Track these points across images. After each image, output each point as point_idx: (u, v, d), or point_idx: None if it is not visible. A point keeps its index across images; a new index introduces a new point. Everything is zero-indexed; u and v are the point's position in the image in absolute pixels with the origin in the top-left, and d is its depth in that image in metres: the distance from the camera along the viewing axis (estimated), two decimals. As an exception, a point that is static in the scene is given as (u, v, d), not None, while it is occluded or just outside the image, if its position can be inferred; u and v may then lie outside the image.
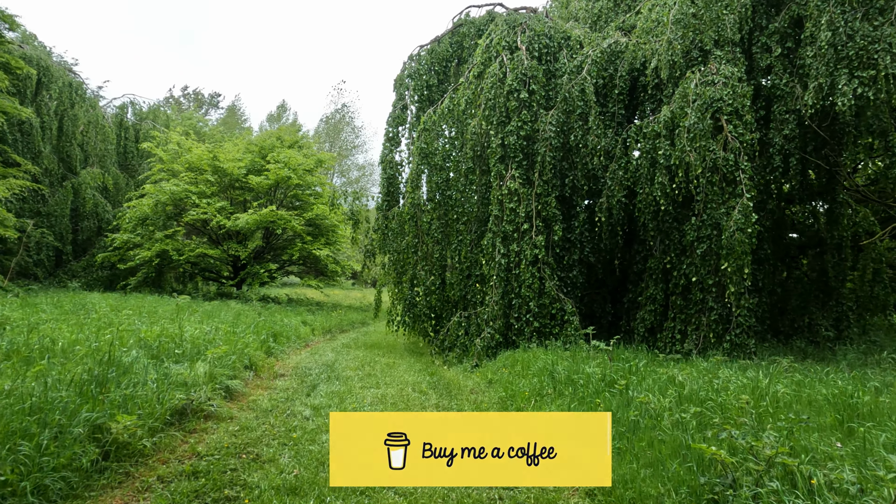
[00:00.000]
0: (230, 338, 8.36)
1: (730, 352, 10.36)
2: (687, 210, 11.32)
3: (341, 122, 56.97)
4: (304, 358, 10.63)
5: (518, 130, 11.23)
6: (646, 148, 10.94)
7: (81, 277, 24.90)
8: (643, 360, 7.34)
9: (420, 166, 12.39)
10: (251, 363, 8.02)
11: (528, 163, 11.48)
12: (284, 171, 21.87)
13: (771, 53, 11.91)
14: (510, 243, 11.12)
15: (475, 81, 12.26)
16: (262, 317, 15.07)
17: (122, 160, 30.39)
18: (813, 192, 13.75)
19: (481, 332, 10.89)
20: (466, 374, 9.61)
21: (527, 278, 10.82)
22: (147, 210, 21.73)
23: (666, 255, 11.36)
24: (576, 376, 6.82)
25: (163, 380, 5.42)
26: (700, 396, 5.52)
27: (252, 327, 10.67)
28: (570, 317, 10.82)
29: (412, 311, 12.89)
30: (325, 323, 17.30)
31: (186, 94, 62.96)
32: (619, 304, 13.08)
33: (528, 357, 8.98)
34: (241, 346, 7.95)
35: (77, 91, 27.02)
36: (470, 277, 12.61)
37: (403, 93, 14.82)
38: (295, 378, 8.18)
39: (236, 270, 23.58)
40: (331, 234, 24.33)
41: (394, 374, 9.12)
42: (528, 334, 10.78)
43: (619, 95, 12.21)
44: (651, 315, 11.70)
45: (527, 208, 11.08)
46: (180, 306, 12.37)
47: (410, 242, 12.69)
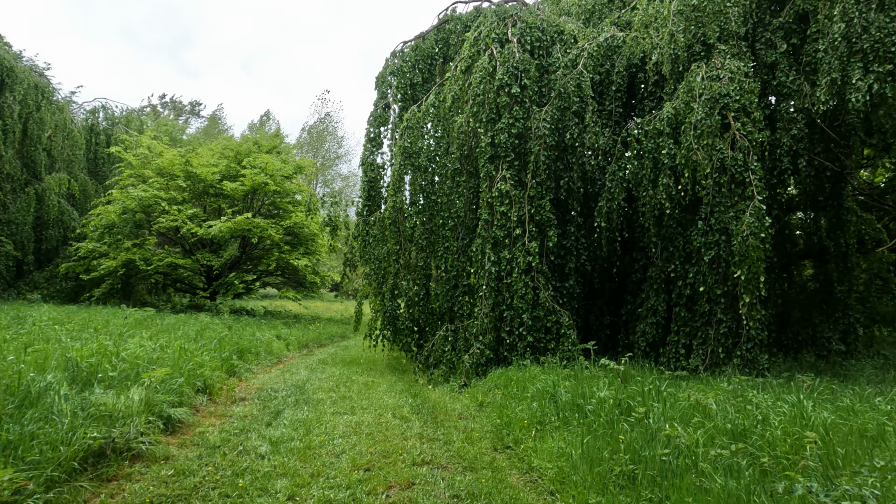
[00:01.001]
0: (183, 355, 7.26)
1: (741, 368, 9.48)
2: (691, 214, 10.49)
3: (324, 132, 56.04)
4: (273, 377, 9.53)
5: (509, 128, 10.34)
6: (648, 147, 10.11)
7: (44, 289, 23.47)
8: (663, 382, 6.40)
9: (403, 167, 11.43)
10: (206, 386, 6.93)
11: (520, 163, 10.59)
12: (261, 176, 20.78)
13: (776, 49, 11.20)
14: (501, 250, 10.18)
15: (462, 76, 11.38)
16: (231, 331, 13.92)
17: (92, 166, 29.05)
18: (816, 197, 13.03)
19: (470, 348, 9.90)
20: (454, 396, 8.60)
21: (519, 288, 9.88)
22: (114, 217, 20.46)
23: (669, 263, 10.50)
24: (582, 401, 5.86)
25: (78, 412, 4.34)
26: (736, 427, 4.59)
27: (215, 343, 9.56)
28: (566, 330, 9.88)
29: (393, 325, 11.85)
30: (301, 337, 16.17)
31: (164, 103, 61.43)
32: (616, 316, 12.18)
33: (523, 376, 8.00)
34: (192, 365, 6.86)
35: (44, 93, 25.71)
36: (457, 287, 11.63)
37: (386, 91, 13.90)
38: (257, 402, 7.09)
39: (210, 281, 22.34)
40: (310, 243, 23.22)
41: (372, 396, 8.07)
42: (521, 350, 9.81)
43: (616, 92, 11.41)
44: (653, 328, 10.81)
45: (519, 212, 10.17)
46: (135, 319, 11.20)
47: (392, 249, 11.69)
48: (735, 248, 9.02)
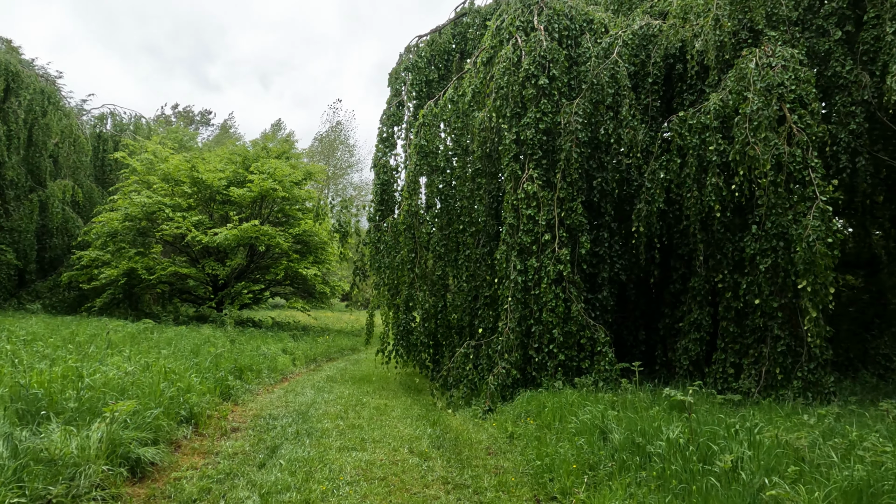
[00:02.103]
0: (167, 378, 6.29)
1: (802, 391, 8.35)
2: (741, 218, 9.41)
3: (336, 141, 55.47)
4: (275, 399, 8.54)
5: (536, 123, 9.35)
6: (692, 143, 9.06)
7: (46, 299, 22.75)
8: (735, 415, 5.31)
9: (419, 167, 10.47)
10: (192, 414, 5.96)
11: (548, 162, 9.58)
12: (269, 182, 19.94)
13: (829, 37, 10.14)
14: (528, 258, 9.16)
15: (483, 69, 10.43)
16: (234, 344, 12.98)
17: (99, 173, 28.45)
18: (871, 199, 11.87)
19: (494, 367, 8.85)
20: (477, 423, 7.55)
21: (549, 300, 8.84)
22: (117, 225, 19.69)
23: (716, 273, 9.40)
24: (642, 439, 4.80)
25: (7, 462, 3.38)
26: (858, 484, 3.52)
27: (209, 361, 8.59)
28: (602, 347, 8.81)
29: (407, 339, 10.83)
30: (309, 351, 15.21)
31: (178, 113, 61.50)
32: (652, 331, 11.07)
33: (558, 402, 6.94)
34: (174, 391, 5.88)
35: (50, 99, 25.12)
36: (477, 299, 10.61)
37: (399, 88, 12.99)
38: (251, 434, 6.10)
39: (216, 291, 21.48)
40: (320, 252, 22.31)
41: (385, 425, 7.05)
42: (551, 369, 8.75)
43: (652, 85, 10.39)
44: (696, 345, 9.70)
45: (548, 215, 9.15)
46: (128, 333, 10.27)
47: (406, 257, 10.70)
48: (798, 256, 7.92)
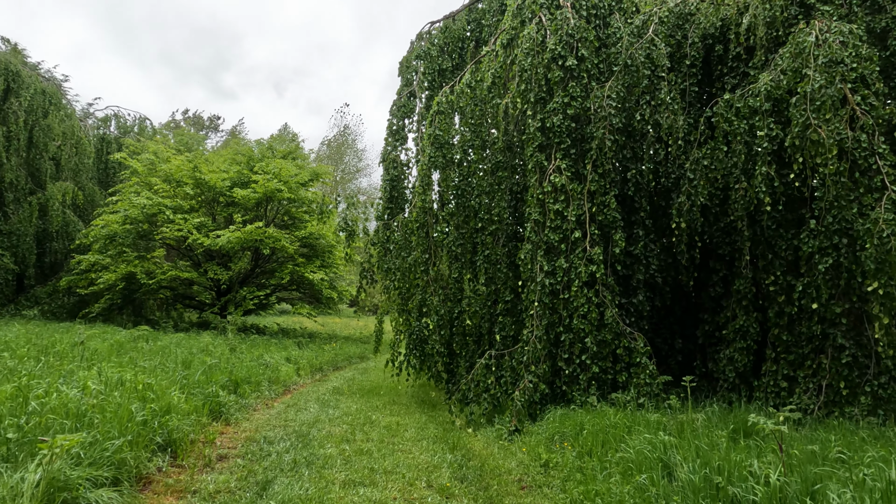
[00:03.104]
0: (143, 396, 5.38)
1: (872, 409, 7.32)
2: (793, 213, 8.41)
3: (344, 146, 54.85)
4: (274, 417, 7.61)
5: (564, 108, 8.42)
6: (740, 129, 8.09)
7: (45, 304, 22.03)
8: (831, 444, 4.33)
9: (433, 159, 9.55)
10: (171, 440, 5.05)
11: (576, 152, 8.64)
12: (274, 183, 19.12)
13: (885, 13, 9.14)
14: (556, 258, 8.20)
15: (503, 52, 9.52)
16: (234, 353, 12.11)
17: (102, 176, 27.82)
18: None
19: (519, 381, 7.89)
20: (503, 446, 6.59)
21: (581, 305, 7.87)
22: (116, 227, 18.92)
23: (767, 274, 8.39)
24: (720, 478, 3.83)
25: None
26: None
27: (202, 372, 7.69)
28: (641, 358, 7.83)
29: (421, 349, 9.88)
30: (314, 359, 14.30)
31: (187, 118, 61.30)
32: (689, 340, 10.07)
33: (599, 423, 5.97)
34: (145, 414, 4.95)
35: (52, 99, 24.51)
36: (496, 304, 9.66)
37: (411, 78, 12.11)
38: (241, 465, 5.17)
39: (220, 297, 20.65)
40: (327, 255, 21.45)
41: (398, 449, 6.10)
42: (583, 383, 7.77)
43: (690, 68, 9.44)
44: (743, 355, 8.68)
45: (577, 211, 8.20)
46: (116, 341, 9.39)
47: (419, 258, 9.77)
48: (867, 254, 6.91)
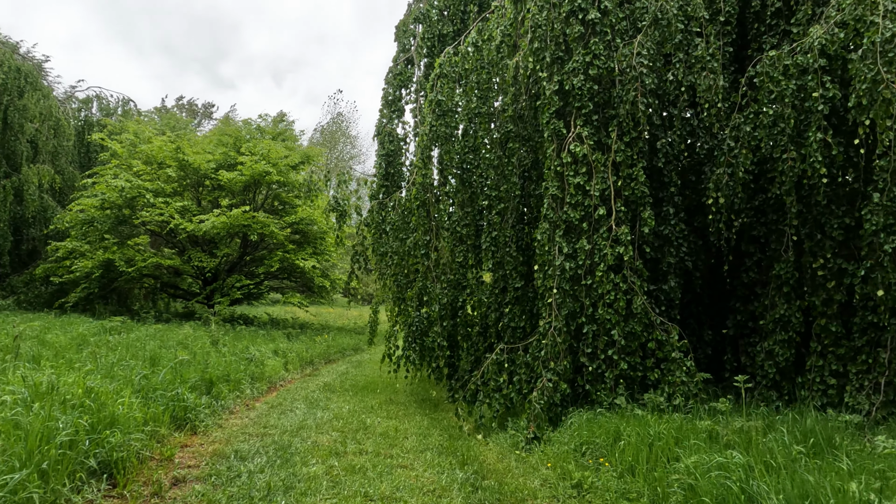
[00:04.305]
0: (82, 405, 4.34)
1: (941, 411, 6.37)
2: (843, 187, 7.40)
3: (337, 133, 53.64)
4: (252, 421, 6.58)
5: (585, 68, 7.34)
6: (789, 90, 7.04)
7: (22, 294, 20.89)
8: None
9: (435, 129, 8.47)
10: (112, 461, 4.00)
11: (599, 118, 7.57)
12: (262, 164, 17.96)
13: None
14: (577, 238, 7.17)
15: (513, 6, 8.42)
16: (216, 346, 11.06)
17: (84, 160, 26.56)
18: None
19: (536, 379, 6.87)
20: (521, 458, 5.59)
21: (606, 292, 6.85)
22: (94, 212, 17.75)
23: (815, 257, 7.39)
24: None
25: None
26: None
27: (171, 370, 6.64)
28: (674, 352, 6.82)
29: (421, 342, 8.85)
30: (305, 352, 13.28)
31: (180, 105, 59.82)
32: (719, 330, 9.08)
33: (638, 430, 4.96)
34: (70, 433, 3.87)
35: (28, 78, 23.20)
36: (506, 292, 8.63)
37: (408, 43, 10.98)
38: (199, 492, 4.13)
39: (207, 285, 19.55)
40: (319, 242, 20.36)
41: (397, 465, 5.09)
42: (609, 381, 6.77)
43: (724, 25, 8.36)
44: (785, 348, 7.69)
45: (601, 185, 7.15)
46: (78, 333, 8.30)
47: (419, 240, 8.72)
48: (945, 232, 5.92)
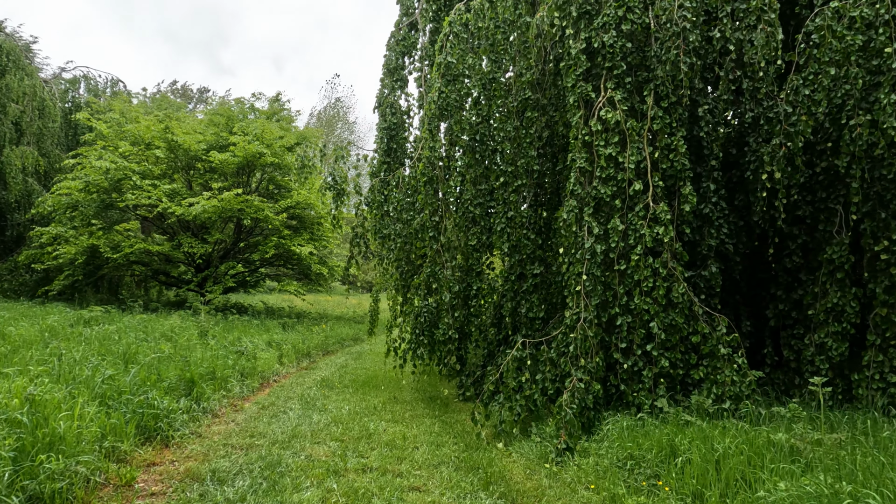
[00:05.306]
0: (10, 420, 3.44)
1: None
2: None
3: (335, 118, 52.56)
4: (237, 429, 5.73)
5: (617, 23, 6.40)
6: (855, 46, 6.11)
7: (6, 282, 20.02)
8: None
9: (444, 96, 7.53)
10: (44, 495, 3.12)
11: (633, 81, 6.64)
12: (255, 145, 16.99)
13: None
14: (608, 217, 6.28)
15: (534, -42, 7.46)
16: (204, 337, 10.21)
17: (71, 143, 25.53)
18: None
19: (563, 378, 6.01)
20: (553, 473, 4.74)
21: (643, 278, 5.98)
22: (78, 195, 16.81)
23: (877, 239, 6.52)
24: None
25: None
26: None
27: (141, 369, 5.78)
28: (722, 348, 5.97)
29: (430, 335, 7.98)
30: (301, 343, 12.43)
31: (174, 89, 58.60)
32: (759, 321, 8.23)
33: (705, 446, 4.11)
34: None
35: (10, 56, 22.12)
36: (523, 279, 7.76)
37: (411, 5, 9.99)
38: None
39: (199, 272, 18.66)
40: (316, 227, 19.46)
41: (408, 486, 4.26)
42: (648, 381, 5.91)
43: (771, -22, 7.40)
44: (839, 341, 6.84)
45: (636, 156, 6.25)
46: (46, 325, 7.44)
47: (427, 222, 7.82)
48: None
